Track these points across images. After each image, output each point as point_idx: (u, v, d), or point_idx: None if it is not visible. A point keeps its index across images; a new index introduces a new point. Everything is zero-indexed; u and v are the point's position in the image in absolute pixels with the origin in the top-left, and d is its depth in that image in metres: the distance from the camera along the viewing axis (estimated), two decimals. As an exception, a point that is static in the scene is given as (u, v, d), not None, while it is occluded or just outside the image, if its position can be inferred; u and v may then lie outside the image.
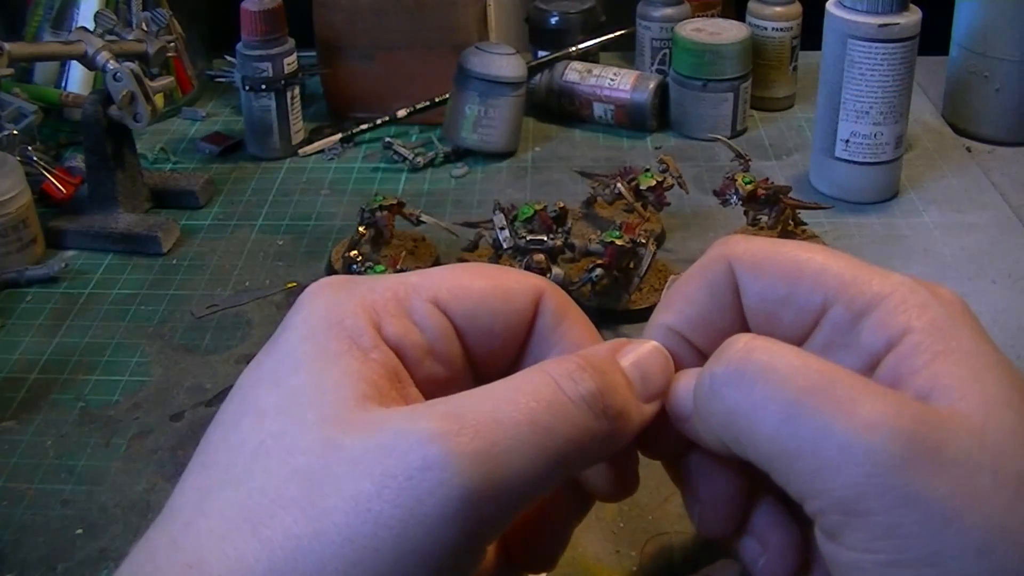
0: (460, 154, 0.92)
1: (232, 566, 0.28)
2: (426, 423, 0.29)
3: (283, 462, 0.29)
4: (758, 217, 0.73)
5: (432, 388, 0.34)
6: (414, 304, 0.34)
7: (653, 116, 0.95)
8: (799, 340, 0.35)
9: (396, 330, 0.33)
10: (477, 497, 0.28)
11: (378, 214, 0.72)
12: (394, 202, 0.73)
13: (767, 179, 0.73)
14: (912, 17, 0.78)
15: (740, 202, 0.72)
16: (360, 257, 0.70)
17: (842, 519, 0.30)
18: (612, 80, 0.96)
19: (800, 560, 0.35)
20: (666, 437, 0.36)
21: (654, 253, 0.68)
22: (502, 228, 0.68)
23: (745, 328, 0.36)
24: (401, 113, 0.95)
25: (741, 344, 0.32)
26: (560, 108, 0.99)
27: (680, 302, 0.37)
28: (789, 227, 0.74)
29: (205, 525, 0.29)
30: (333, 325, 0.32)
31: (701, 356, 0.36)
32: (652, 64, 1.00)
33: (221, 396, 0.63)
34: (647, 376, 0.35)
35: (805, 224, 0.75)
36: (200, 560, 0.28)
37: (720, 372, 0.32)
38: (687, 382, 0.35)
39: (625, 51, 1.07)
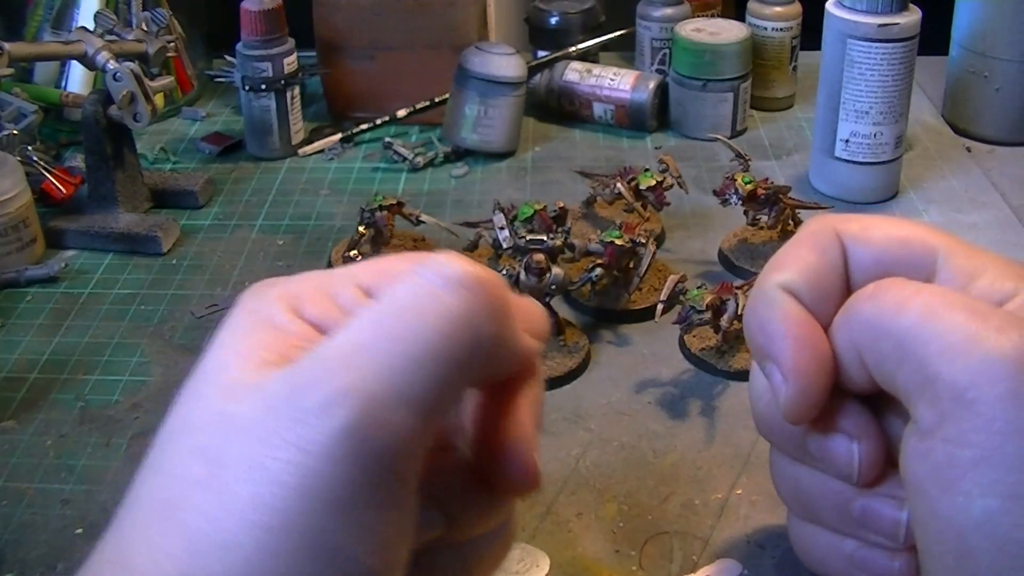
0: (460, 154, 0.92)
1: (155, 556, 0.28)
2: (298, 375, 0.29)
3: (188, 442, 0.30)
4: (758, 217, 0.73)
5: None
6: (337, 289, 0.34)
7: (653, 116, 0.95)
8: None
9: (316, 311, 0.33)
10: (363, 430, 0.28)
11: (378, 214, 0.72)
12: (394, 202, 0.73)
13: (767, 179, 0.73)
14: (912, 17, 0.78)
15: (740, 202, 0.72)
16: (360, 257, 0.70)
17: (949, 407, 0.32)
18: (612, 80, 0.96)
19: (885, 459, 0.38)
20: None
21: (654, 253, 0.68)
22: (502, 228, 0.68)
23: (849, 292, 0.38)
24: (401, 113, 0.95)
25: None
26: (560, 108, 0.99)
27: (791, 263, 0.39)
28: (789, 227, 0.74)
29: (130, 519, 0.30)
30: (251, 312, 0.33)
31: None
32: (652, 64, 1.00)
33: (221, 396, 0.63)
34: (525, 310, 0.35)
35: (805, 224, 0.75)
36: (127, 555, 0.29)
37: (882, 282, 0.36)
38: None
39: (625, 51, 1.07)
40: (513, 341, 0.33)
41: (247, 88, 0.90)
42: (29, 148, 0.84)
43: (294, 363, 0.30)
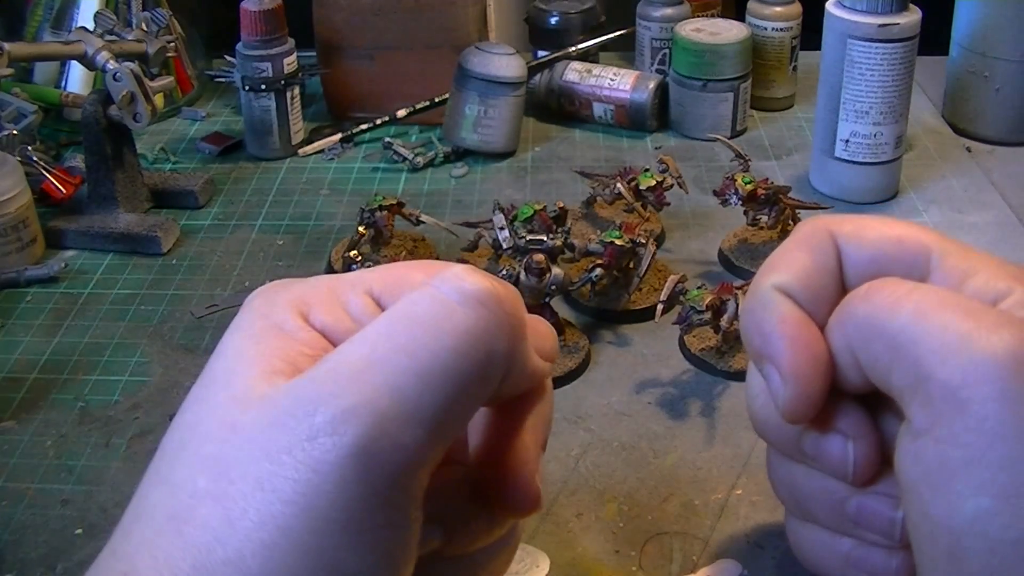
0: (460, 154, 0.92)
1: (160, 569, 0.28)
2: (308, 390, 0.29)
3: (196, 452, 0.30)
4: (758, 217, 0.73)
5: None
6: (348, 297, 0.34)
7: (653, 116, 0.95)
8: None
9: (325, 318, 0.33)
10: (373, 449, 0.28)
11: (378, 214, 0.72)
12: (394, 202, 0.73)
13: (767, 179, 0.73)
14: (912, 17, 0.78)
15: (740, 202, 0.72)
16: (360, 257, 0.70)
17: (941, 407, 0.32)
18: (612, 80, 0.96)
19: (880, 459, 0.38)
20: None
21: (654, 253, 0.68)
22: (502, 228, 0.68)
23: (844, 292, 0.38)
24: (401, 113, 0.95)
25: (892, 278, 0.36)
26: (560, 108, 0.99)
27: (785, 265, 0.39)
28: (789, 227, 0.74)
29: (138, 530, 0.30)
30: (261, 317, 0.33)
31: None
32: (652, 64, 1.00)
33: (221, 396, 0.63)
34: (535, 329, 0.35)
35: (805, 224, 0.75)
36: (132, 567, 0.29)
37: (876, 282, 0.36)
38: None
39: (625, 51, 1.07)
40: (526, 361, 0.33)
41: (247, 88, 0.90)
42: (29, 148, 0.84)
43: (303, 375, 0.30)
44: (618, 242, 0.67)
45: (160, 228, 0.79)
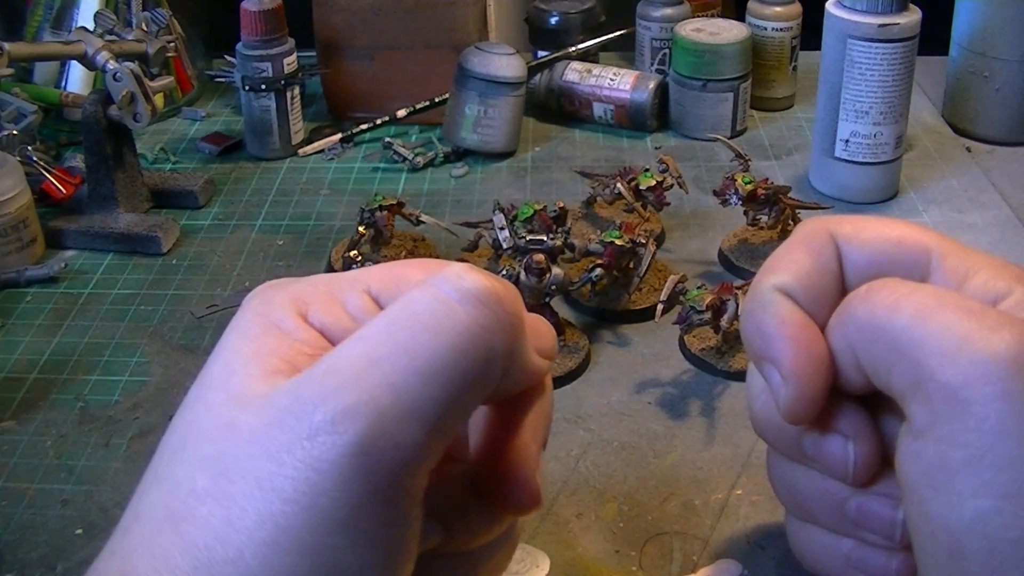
0: (460, 154, 0.92)
1: (159, 567, 0.28)
2: (307, 388, 0.29)
3: (195, 452, 0.30)
4: (758, 217, 0.73)
5: None
6: (346, 295, 0.34)
7: (653, 116, 0.95)
8: None
9: (324, 317, 0.33)
10: (373, 448, 0.28)
11: (378, 214, 0.72)
12: (394, 202, 0.73)
13: (767, 179, 0.73)
14: (912, 17, 0.78)
15: (740, 202, 0.72)
16: (360, 257, 0.70)
17: (942, 407, 0.32)
18: (612, 80, 0.96)
19: (880, 459, 0.38)
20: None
21: (654, 253, 0.68)
22: (502, 228, 0.68)
23: (844, 292, 0.38)
24: (401, 113, 0.95)
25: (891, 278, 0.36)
26: (560, 108, 0.99)
27: (785, 266, 0.39)
28: (789, 227, 0.74)
29: (136, 529, 0.30)
30: (259, 316, 0.33)
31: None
32: (652, 64, 1.00)
33: (221, 396, 0.63)
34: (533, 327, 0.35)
35: (805, 224, 0.75)
36: (131, 565, 0.29)
37: (876, 283, 0.36)
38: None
39: (625, 51, 1.07)
40: (525, 359, 0.33)
41: (247, 88, 0.90)
42: (29, 148, 0.84)
43: (303, 374, 0.30)
44: (618, 242, 0.67)
45: (160, 228, 0.79)
